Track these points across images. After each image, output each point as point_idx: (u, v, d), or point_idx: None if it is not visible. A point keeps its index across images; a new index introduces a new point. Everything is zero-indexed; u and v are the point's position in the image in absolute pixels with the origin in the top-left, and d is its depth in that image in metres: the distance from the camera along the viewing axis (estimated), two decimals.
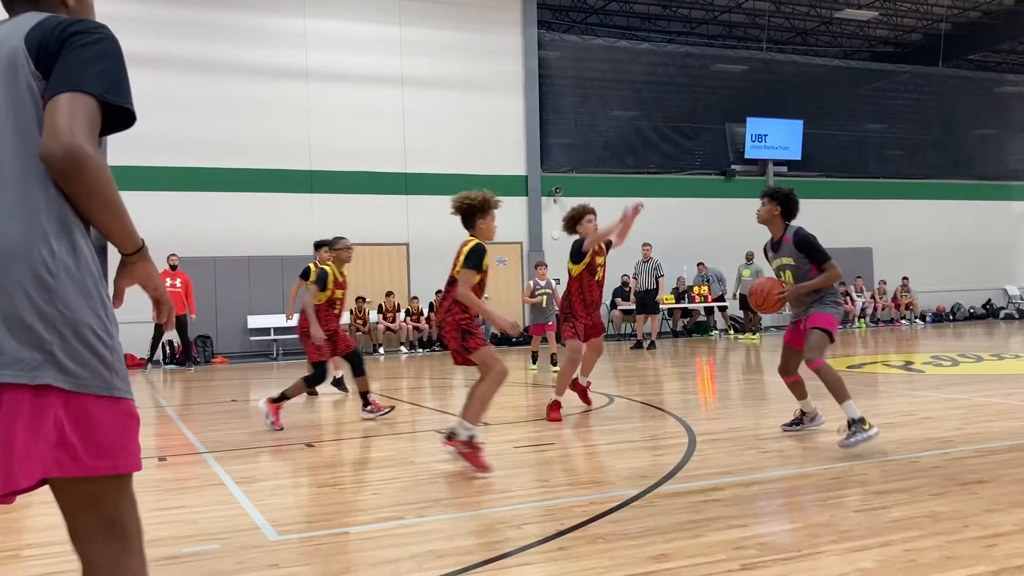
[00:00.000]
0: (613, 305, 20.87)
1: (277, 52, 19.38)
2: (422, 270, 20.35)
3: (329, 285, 8.63)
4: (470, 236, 6.10)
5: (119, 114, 1.92)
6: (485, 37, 21.15)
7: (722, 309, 21.93)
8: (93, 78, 1.86)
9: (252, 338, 18.94)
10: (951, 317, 25.62)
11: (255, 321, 18.81)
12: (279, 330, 18.16)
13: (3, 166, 1.85)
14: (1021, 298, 26.69)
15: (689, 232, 22.52)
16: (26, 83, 1.87)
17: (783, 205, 6.39)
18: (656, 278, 17.90)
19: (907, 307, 24.44)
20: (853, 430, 5.75)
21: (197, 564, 3.89)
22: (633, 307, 18.97)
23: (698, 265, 22.04)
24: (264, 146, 19.14)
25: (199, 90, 18.54)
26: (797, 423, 6.72)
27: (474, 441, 5.67)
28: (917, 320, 24.44)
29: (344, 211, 19.64)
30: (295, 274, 11.17)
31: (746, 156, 23.97)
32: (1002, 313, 26.17)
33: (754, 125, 23.91)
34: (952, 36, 26.80)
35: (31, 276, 1.78)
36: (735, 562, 3.57)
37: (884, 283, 24.42)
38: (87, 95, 1.85)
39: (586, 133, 22.95)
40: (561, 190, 21.59)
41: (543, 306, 14.04)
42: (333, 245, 8.93)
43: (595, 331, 8.34)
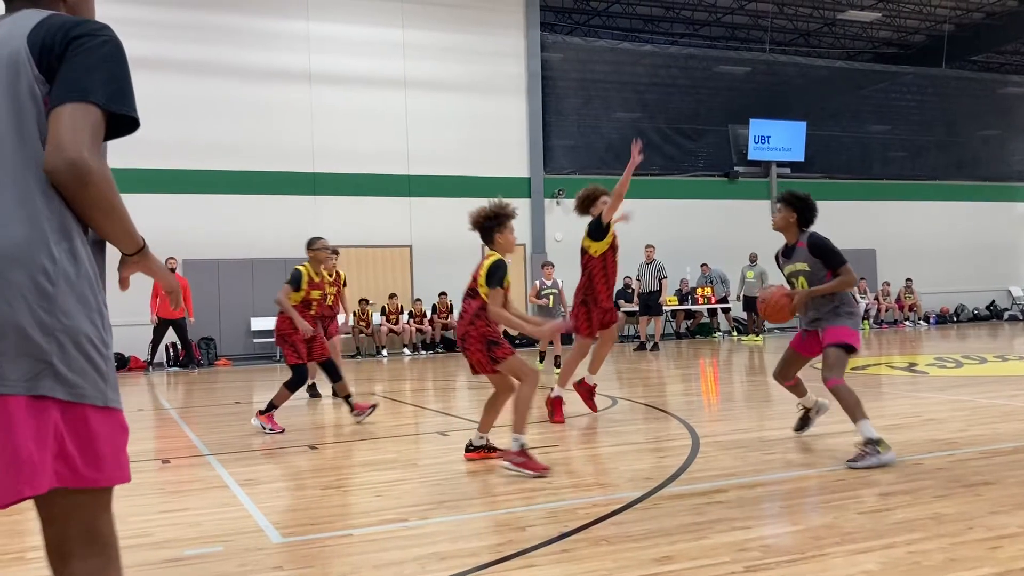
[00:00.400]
0: (616, 307, 20.86)
1: (280, 55, 19.40)
2: (425, 272, 20.36)
3: (303, 285, 8.46)
4: (490, 251, 5.99)
5: (123, 121, 1.91)
6: (488, 39, 21.16)
7: (725, 311, 21.91)
8: (98, 86, 1.85)
9: (255, 340, 18.95)
10: (955, 318, 25.58)
11: (258, 323, 18.82)
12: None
13: (3, 169, 1.83)
14: None
15: (692, 234, 22.51)
16: (28, 86, 1.85)
17: (799, 212, 6.08)
18: (659, 280, 17.90)
19: (911, 308, 24.41)
20: (867, 451, 5.46)
21: (200, 567, 3.90)
22: (636, 309, 18.97)
23: (702, 266, 22.03)
24: (267, 148, 19.16)
25: (202, 93, 18.56)
26: (805, 422, 6.56)
27: (525, 448, 5.63)
28: (921, 321, 24.41)
29: (347, 213, 19.66)
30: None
31: (749, 158, 23.97)
32: (1006, 314, 26.12)
33: (757, 127, 23.90)
34: (955, 37, 26.76)
35: (31, 283, 1.76)
36: (739, 564, 3.57)
37: (888, 284, 24.40)
38: (92, 104, 1.83)
39: (589, 135, 22.95)
40: (564, 192, 21.58)
41: (549, 306, 14.03)
42: (310, 246, 8.74)
43: (611, 317, 8.00)
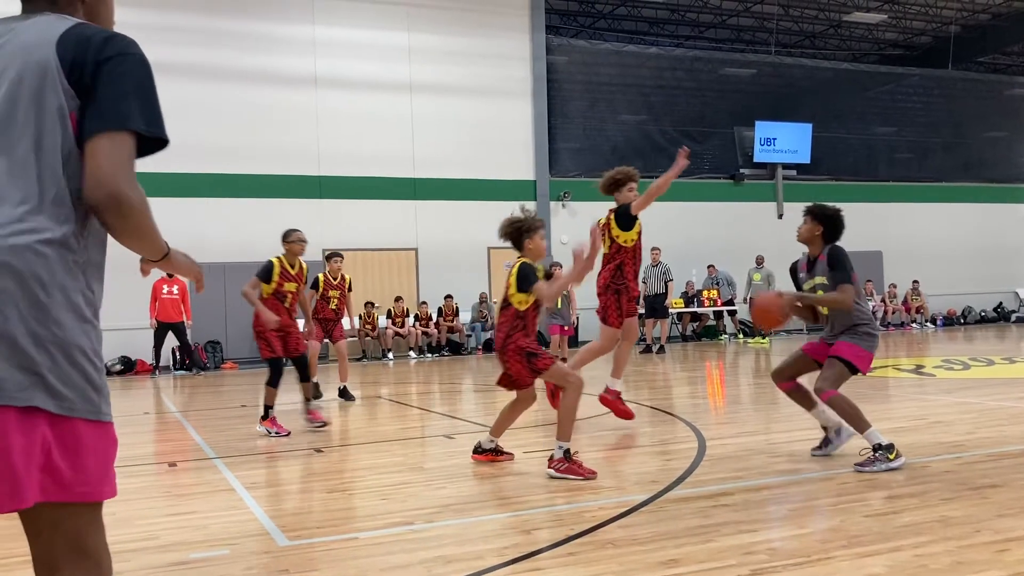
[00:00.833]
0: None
1: (286, 59, 19.45)
2: (431, 275, 20.38)
3: (274, 277, 8.38)
4: (518, 256, 6.00)
5: (154, 140, 1.92)
6: (493, 43, 21.18)
7: (731, 313, 21.88)
8: (136, 113, 1.86)
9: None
10: (962, 320, 25.50)
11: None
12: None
13: (11, 176, 1.81)
14: None
15: (698, 236, 22.49)
16: (55, 98, 1.83)
17: (826, 226, 5.93)
18: (665, 282, 17.87)
19: (918, 310, 24.34)
20: (877, 456, 5.38)
21: (206, 569, 3.90)
22: (642, 311, 18.94)
23: (708, 267, 21.99)
24: (273, 152, 19.20)
25: (207, 97, 18.60)
26: (825, 444, 5.99)
27: (570, 455, 5.62)
28: (928, 324, 24.34)
29: (353, 216, 19.69)
30: (308, 283, 11.14)
31: (755, 160, 23.95)
32: (1013, 316, 26.03)
33: (763, 129, 23.88)
34: (962, 38, 26.71)
35: (24, 292, 1.74)
36: (745, 567, 3.56)
37: (894, 287, 24.34)
38: (130, 132, 1.85)
39: (594, 137, 22.95)
40: (570, 194, 21.59)
41: (558, 307, 13.96)
42: (286, 238, 8.64)
43: (633, 307, 7.75)
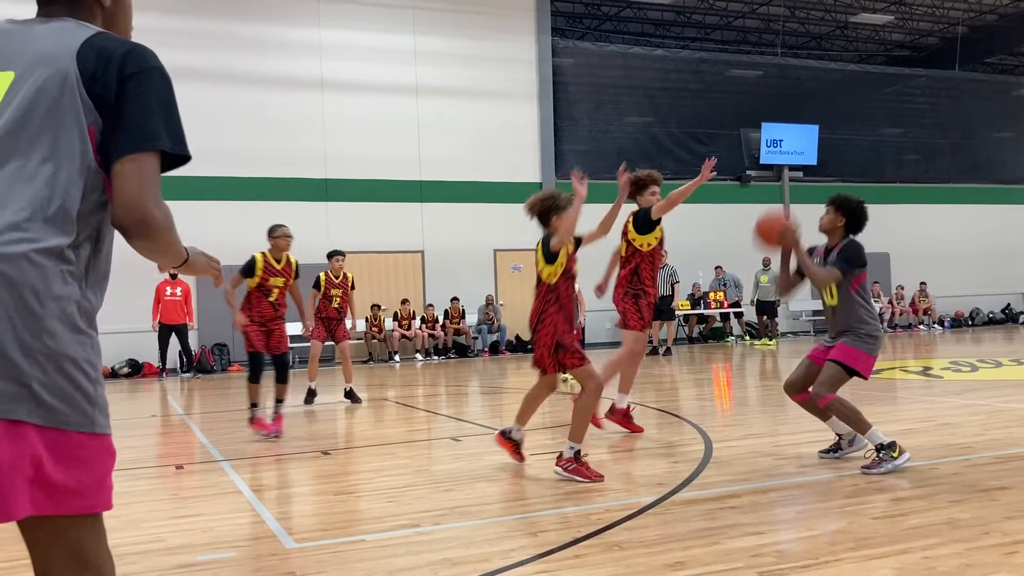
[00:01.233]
0: None
1: (292, 62, 19.48)
2: (437, 278, 20.39)
3: (256, 271, 8.30)
4: (545, 234, 5.98)
5: (178, 157, 1.92)
6: (499, 45, 21.20)
7: (738, 315, 21.84)
8: (162, 131, 1.86)
9: (305, 332, 18.98)
10: (970, 322, 25.42)
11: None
12: (295, 338, 18.19)
13: (18, 183, 1.79)
14: None
15: (704, 238, 22.45)
16: (73, 109, 1.81)
17: (849, 217, 5.80)
18: (672, 284, 17.84)
19: (925, 312, 24.28)
20: (881, 456, 5.39)
21: (214, 572, 3.91)
22: None
23: (716, 268, 21.94)
24: (279, 155, 19.24)
25: (214, 100, 18.64)
26: (835, 450, 5.98)
27: (580, 456, 5.62)
28: (935, 325, 24.27)
29: (359, 219, 19.71)
30: (311, 282, 11.17)
31: (761, 161, 23.90)
32: (1021, 318, 25.92)
33: (769, 130, 23.84)
34: (968, 39, 26.65)
35: (17, 302, 1.70)
36: (752, 570, 3.55)
37: (902, 288, 24.27)
38: (156, 152, 1.85)
39: (600, 140, 22.95)
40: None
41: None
42: (271, 233, 8.57)
43: (650, 315, 7.45)
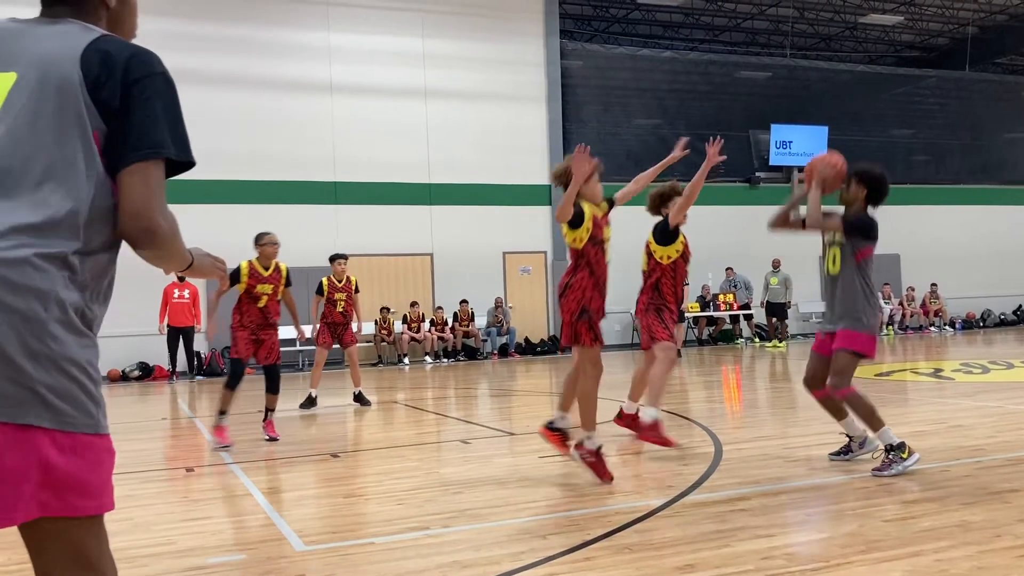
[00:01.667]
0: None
1: (302, 66, 19.54)
2: (446, 280, 20.41)
3: (242, 278, 8.28)
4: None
5: (182, 163, 1.92)
6: (507, 48, 21.22)
7: (748, 317, 21.79)
8: (168, 139, 1.85)
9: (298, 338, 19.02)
10: (981, 323, 25.30)
11: (281, 332, 18.78)
12: (305, 341, 18.22)
13: (22, 191, 1.78)
14: None
15: (714, 240, 22.39)
16: (77, 117, 1.80)
17: (871, 188, 5.70)
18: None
19: (936, 314, 24.17)
20: (891, 458, 5.36)
21: (224, 574, 3.92)
22: None
23: (727, 270, 21.91)
24: (288, 159, 19.29)
25: (223, 104, 18.71)
26: (845, 452, 5.91)
27: (600, 450, 5.61)
28: (946, 327, 24.16)
29: (368, 222, 19.75)
30: (315, 287, 11.19)
31: (771, 163, 23.85)
32: None
33: (779, 132, 23.79)
34: (979, 39, 26.54)
35: (22, 307, 1.70)
36: (763, 573, 3.53)
37: (912, 290, 24.17)
38: (162, 160, 1.85)
39: (609, 142, 22.93)
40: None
41: None
42: (257, 241, 8.59)
43: (672, 328, 7.11)
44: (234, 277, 8.24)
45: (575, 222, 5.63)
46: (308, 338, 11.86)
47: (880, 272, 6.03)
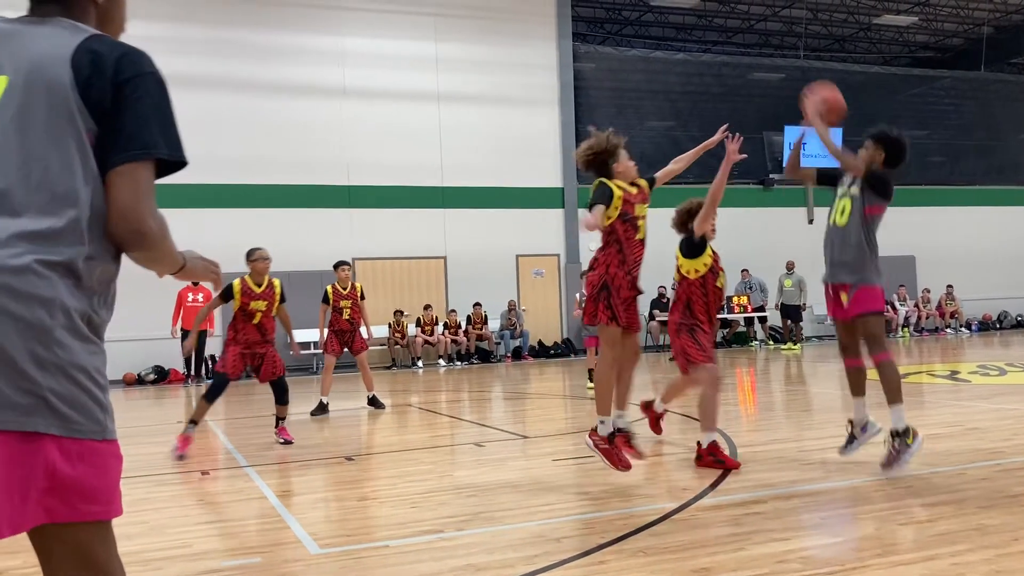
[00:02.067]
0: (651, 316, 20.78)
1: (315, 70, 19.61)
2: (459, 283, 20.42)
3: (234, 295, 8.27)
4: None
5: (173, 161, 1.91)
6: (520, 51, 21.23)
7: (762, 320, 21.71)
8: (159, 139, 1.84)
9: (290, 352, 19.06)
10: (998, 325, 25.11)
11: (295, 335, 18.89)
12: (318, 344, 18.27)
13: (21, 196, 1.77)
14: None
15: (727, 243, 22.12)
16: (68, 118, 1.80)
17: (889, 152, 5.79)
18: None
19: (952, 315, 24.01)
20: (896, 447, 5.35)
21: None
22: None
23: (742, 272, 21.83)
24: (302, 162, 19.35)
25: (237, 108, 18.81)
26: (850, 441, 5.88)
27: (612, 437, 5.61)
28: (962, 329, 24.00)
29: (382, 226, 19.79)
30: (320, 296, 11.22)
31: (784, 165, 23.75)
32: None
33: (792, 134, 23.64)
34: (994, 40, 26.37)
35: (27, 314, 1.70)
36: None
37: (928, 291, 24.02)
38: (152, 160, 1.84)
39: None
40: None
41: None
42: (248, 257, 8.55)
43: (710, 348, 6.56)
44: (227, 295, 8.22)
45: (605, 200, 5.60)
46: (302, 350, 11.79)
47: (895, 273, 6.07)
